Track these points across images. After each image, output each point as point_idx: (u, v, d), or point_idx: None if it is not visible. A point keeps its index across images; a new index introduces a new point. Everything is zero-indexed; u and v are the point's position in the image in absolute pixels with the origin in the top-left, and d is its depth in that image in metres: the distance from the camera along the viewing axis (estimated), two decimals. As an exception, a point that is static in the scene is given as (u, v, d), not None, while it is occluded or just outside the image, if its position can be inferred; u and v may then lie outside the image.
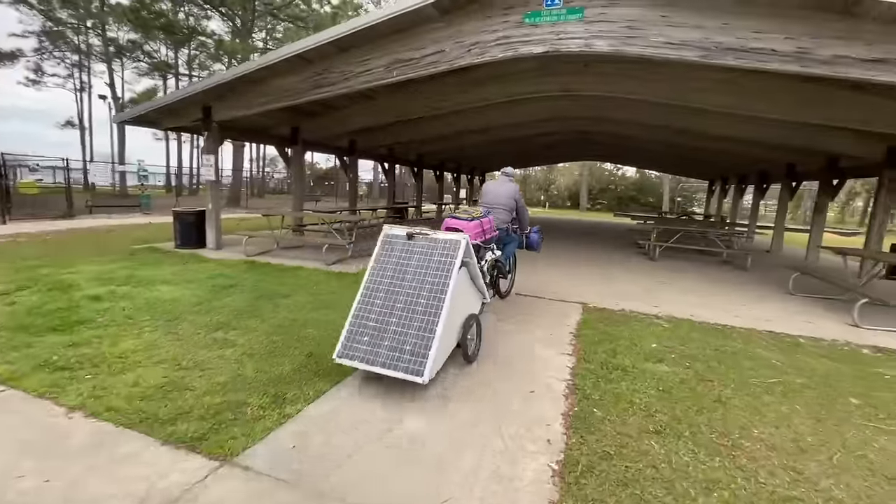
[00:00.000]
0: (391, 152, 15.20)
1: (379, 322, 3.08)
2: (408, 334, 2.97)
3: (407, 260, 3.32)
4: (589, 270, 7.88)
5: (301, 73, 7.00)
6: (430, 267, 3.22)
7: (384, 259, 3.40)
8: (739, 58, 5.05)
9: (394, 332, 3.01)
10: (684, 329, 4.64)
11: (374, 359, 2.94)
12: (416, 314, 3.04)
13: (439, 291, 3.08)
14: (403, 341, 2.95)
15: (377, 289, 3.26)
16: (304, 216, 9.36)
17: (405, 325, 3.01)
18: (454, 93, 8.77)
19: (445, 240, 3.32)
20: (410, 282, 3.19)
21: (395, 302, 3.14)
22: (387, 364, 2.89)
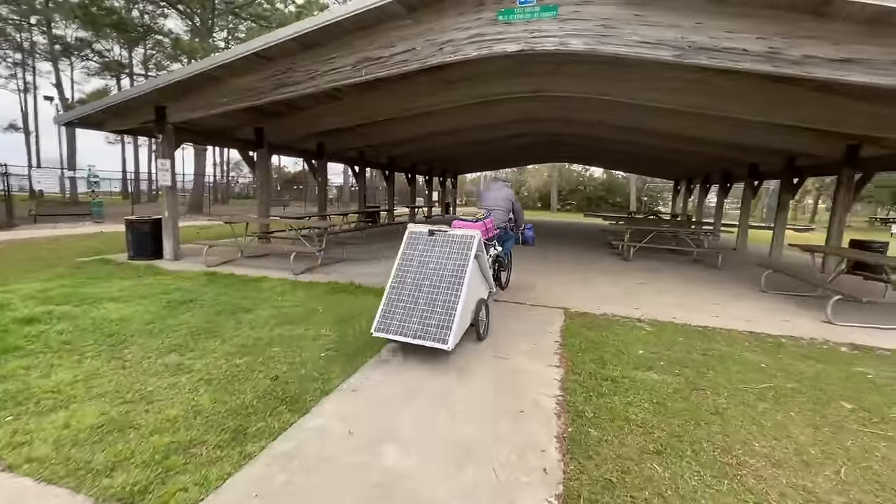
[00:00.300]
0: (361, 155, 14.81)
1: (409, 303, 3.70)
2: (433, 311, 3.59)
3: (429, 252, 3.97)
4: (567, 273, 7.78)
5: (263, 72, 6.60)
6: (450, 257, 3.87)
7: (410, 252, 4.04)
8: (713, 57, 5.02)
9: (422, 310, 3.62)
10: (668, 332, 4.54)
11: (406, 331, 3.56)
12: (439, 295, 3.67)
13: (458, 277, 3.72)
14: (430, 317, 3.56)
15: (405, 276, 3.88)
16: (270, 223, 8.89)
17: (431, 305, 3.63)
18: (426, 93, 8.53)
19: (462, 235, 3.98)
20: (433, 270, 3.84)
21: (420, 286, 3.77)
22: (417, 335, 3.51)
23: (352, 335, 4.05)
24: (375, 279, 6.48)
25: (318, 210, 12.30)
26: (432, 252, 3.96)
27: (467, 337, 3.98)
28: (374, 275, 6.84)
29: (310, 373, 3.22)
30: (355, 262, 7.94)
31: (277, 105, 8.80)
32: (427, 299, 3.67)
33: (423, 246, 4.04)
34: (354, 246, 10.26)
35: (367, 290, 5.81)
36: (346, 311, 4.81)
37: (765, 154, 11.27)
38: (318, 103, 9.21)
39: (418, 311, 3.62)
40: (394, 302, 3.75)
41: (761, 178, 13.63)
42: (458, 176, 27.79)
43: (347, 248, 9.45)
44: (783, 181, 11.63)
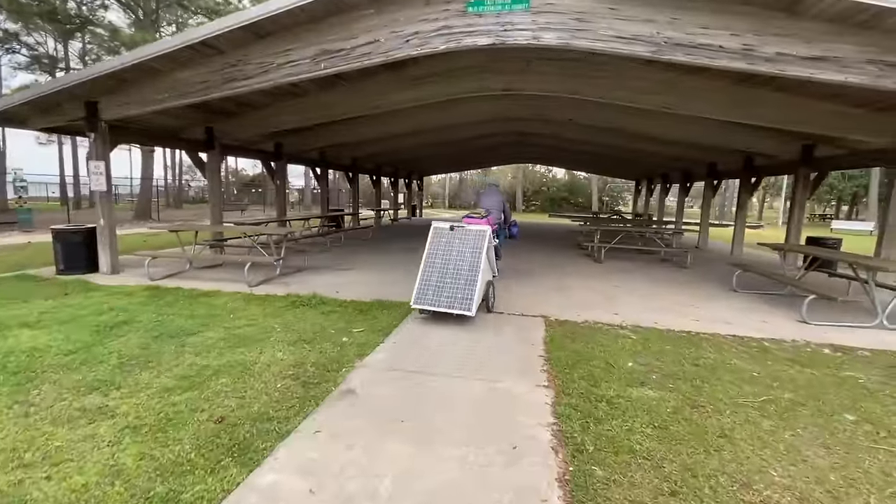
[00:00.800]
0: (323, 156, 14.14)
1: (438, 282, 4.80)
2: (457, 287, 4.70)
3: (451, 244, 5.05)
4: (541, 277, 7.55)
5: (210, 64, 5.98)
6: (467, 247, 4.98)
7: (435, 243, 5.10)
8: (689, 54, 4.88)
9: (449, 286, 4.73)
10: (654, 340, 4.33)
11: (438, 303, 4.66)
12: (461, 276, 4.78)
13: (476, 262, 4.82)
14: (455, 292, 4.67)
15: (433, 262, 4.97)
16: (224, 230, 8.18)
17: (455, 282, 4.74)
18: (390, 91, 8.09)
19: (477, 230, 5.08)
20: (456, 257, 4.94)
21: (445, 270, 4.87)
22: (447, 305, 4.62)
23: (314, 359, 3.57)
24: (341, 290, 5.98)
25: (278, 215, 11.58)
26: (453, 243, 5.05)
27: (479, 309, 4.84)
28: (340, 285, 6.34)
29: (263, 410, 2.73)
30: (318, 271, 7.40)
31: (229, 102, 8.12)
32: (452, 279, 4.79)
33: (445, 238, 5.11)
34: (317, 253, 9.66)
35: (332, 302, 5.32)
36: (307, 329, 4.31)
37: (724, 154, 11.53)
38: (276, 101, 8.59)
39: (445, 289, 4.73)
40: (425, 283, 4.84)
41: (720, 178, 14.00)
42: (423, 178, 27.37)
43: (309, 256, 8.86)
44: (742, 180, 11.95)
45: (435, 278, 4.84)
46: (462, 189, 51.59)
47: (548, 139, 14.76)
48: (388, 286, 6.38)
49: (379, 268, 7.94)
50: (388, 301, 5.41)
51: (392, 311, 5.02)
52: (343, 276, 7.11)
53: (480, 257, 4.84)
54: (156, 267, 7.02)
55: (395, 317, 4.80)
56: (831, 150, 9.02)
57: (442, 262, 4.95)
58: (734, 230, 12.22)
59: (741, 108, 7.04)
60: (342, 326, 4.45)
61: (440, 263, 4.95)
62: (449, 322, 4.70)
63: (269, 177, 12.07)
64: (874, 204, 32.25)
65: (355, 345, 3.93)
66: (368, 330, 4.35)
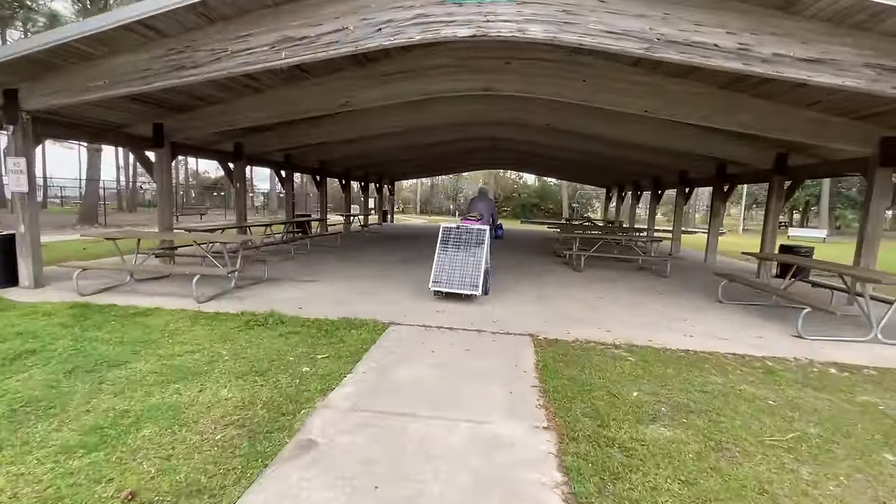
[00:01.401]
0: (288, 158, 13.34)
1: (449, 269, 6.01)
2: (466, 273, 5.93)
3: (458, 239, 6.27)
4: (522, 288, 7.11)
5: (153, 49, 5.26)
6: (472, 242, 6.19)
7: (446, 239, 6.30)
8: (682, 52, 4.57)
9: (459, 272, 5.95)
10: (653, 362, 3.93)
11: (451, 286, 5.90)
12: (468, 264, 6.01)
13: (479, 253, 6.07)
14: (465, 277, 5.92)
15: (445, 253, 6.17)
16: (174, 237, 7.33)
17: (464, 269, 5.96)
18: (360, 88, 7.52)
19: (478, 228, 6.31)
20: (464, 248, 6.17)
21: (455, 259, 6.09)
22: (459, 287, 5.88)
23: (267, 397, 2.95)
24: (304, 306, 5.33)
25: (237, 220, 10.71)
26: (460, 239, 6.29)
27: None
28: (303, 300, 5.68)
29: (193, 477, 2.11)
30: (279, 283, 6.69)
31: (180, 95, 7.34)
32: (462, 267, 6.02)
33: (453, 235, 6.36)
34: (280, 262, 8.91)
35: (292, 322, 4.67)
36: (261, 357, 3.67)
37: (698, 161, 11.52)
38: (234, 96, 7.85)
39: (456, 274, 5.96)
40: (440, 270, 6.05)
41: (692, 185, 14.11)
42: (395, 182, 26.74)
43: (271, 265, 8.12)
44: (715, 188, 12.00)
45: (446, 267, 6.08)
46: (433, 195, 51.21)
47: (522, 144, 14.49)
48: (357, 301, 5.77)
49: (348, 279, 7.31)
50: (358, 320, 4.80)
51: (362, 331, 4.43)
52: (307, 288, 6.45)
53: (483, 250, 6.13)
54: (88, 280, 6.15)
55: (366, 339, 4.21)
56: (804, 160, 9.08)
57: (452, 255, 6.19)
58: (707, 237, 12.26)
59: (725, 114, 6.86)
60: (304, 352, 3.83)
61: (450, 255, 6.18)
62: (427, 344, 4.16)
63: (229, 179, 11.19)
64: (825, 212, 33.97)
65: (318, 376, 3.33)
66: (334, 356, 3.75)
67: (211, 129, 8.37)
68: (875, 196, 6.73)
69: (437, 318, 5.05)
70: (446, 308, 5.57)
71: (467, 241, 6.24)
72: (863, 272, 4.89)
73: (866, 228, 6.76)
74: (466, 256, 6.09)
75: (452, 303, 5.85)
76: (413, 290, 6.66)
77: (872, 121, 6.59)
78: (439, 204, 50.06)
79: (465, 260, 6.06)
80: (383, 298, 6.00)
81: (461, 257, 6.10)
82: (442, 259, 6.11)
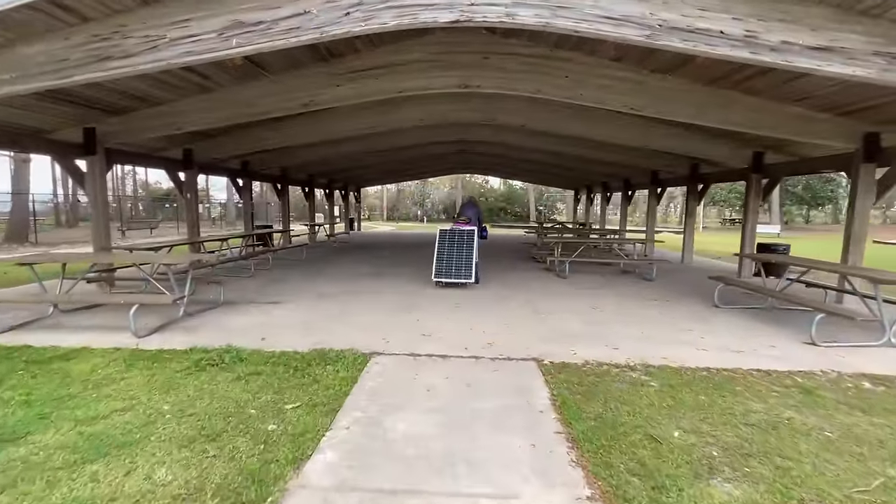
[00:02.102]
0: (246, 166, 12.33)
1: (447, 263, 7.44)
2: (462, 266, 7.38)
3: (452, 239, 7.68)
4: (511, 300, 6.57)
5: (71, 36, 4.40)
6: (464, 242, 7.62)
7: (442, 240, 7.71)
8: (686, 40, 4.17)
9: (455, 266, 7.39)
10: (678, 387, 3.45)
11: (450, 275, 7.33)
12: (462, 258, 7.46)
13: (470, 250, 7.51)
14: (461, 269, 7.35)
15: (443, 250, 7.60)
16: (113, 258, 6.31)
17: (458, 263, 7.41)
18: (324, 87, 6.81)
19: (468, 230, 7.78)
20: (458, 246, 7.61)
21: (452, 254, 7.53)
22: (456, 276, 7.32)
23: (219, 478, 2.22)
24: (268, 336, 4.55)
25: (189, 235, 9.67)
26: (454, 239, 7.61)
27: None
28: (266, 328, 4.89)
29: None
30: (238, 308, 5.85)
31: (114, 94, 6.39)
32: (458, 261, 7.40)
33: (448, 235, 7.68)
34: (240, 280, 8.00)
35: (254, 358, 3.89)
36: (214, 412, 2.91)
37: (671, 160, 11.42)
38: (180, 95, 6.95)
39: (454, 267, 7.35)
40: (440, 264, 7.40)
41: (664, 186, 14.10)
42: (361, 189, 25.83)
43: (229, 285, 7.23)
44: (689, 188, 11.97)
45: (445, 261, 7.46)
46: (400, 200, 50.43)
47: (495, 147, 14.07)
48: (330, 325, 5.04)
49: (316, 298, 6.53)
50: (333, 351, 4.08)
51: (339, 367, 3.72)
52: (271, 312, 5.64)
53: (473, 247, 7.53)
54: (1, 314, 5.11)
55: (345, 378, 3.50)
56: (781, 158, 9.06)
57: (448, 252, 7.54)
58: (683, 237, 12.20)
59: (713, 111, 6.61)
60: (269, 400, 3.10)
61: (447, 252, 7.55)
62: (419, 378, 3.51)
63: (178, 190, 10.12)
64: (777, 209, 35.69)
65: (289, 437, 2.62)
66: (307, 405, 3.04)
67: (153, 133, 7.39)
68: (860, 192, 6.64)
69: (424, 345, 4.40)
70: (432, 330, 4.92)
71: (460, 241, 7.64)
72: (879, 274, 4.63)
73: (853, 226, 6.66)
74: (460, 253, 7.53)
75: (437, 319, 5.23)
76: (391, 306, 5.98)
77: (856, 116, 6.51)
78: (406, 210, 49.33)
79: (458, 256, 7.50)
80: (359, 320, 5.30)
81: (456, 254, 7.53)
82: (441, 256, 7.54)
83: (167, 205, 37.00)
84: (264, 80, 6.79)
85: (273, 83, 6.78)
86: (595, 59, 6.49)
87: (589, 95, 6.69)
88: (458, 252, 7.49)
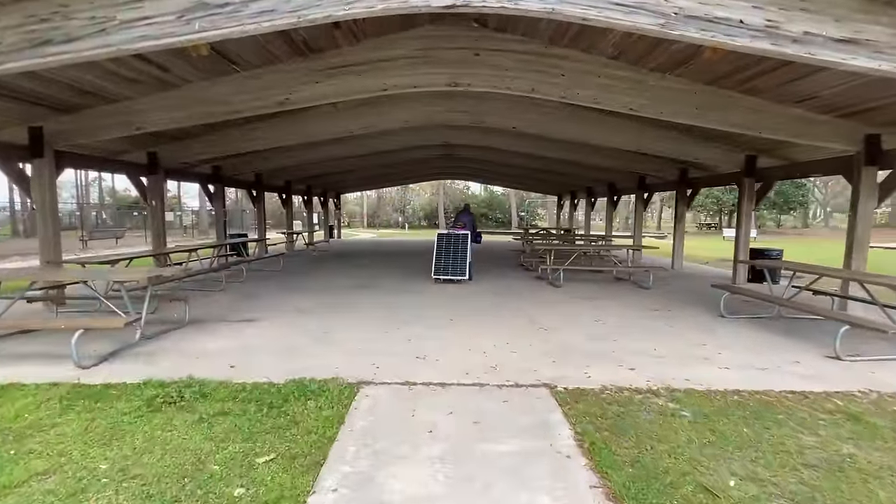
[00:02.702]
0: (217, 171, 11.59)
1: (444, 262, 8.59)
2: (457, 265, 8.56)
3: (448, 241, 8.84)
4: (508, 314, 6.11)
5: (3, 16, 3.80)
6: (459, 244, 8.78)
7: (440, 243, 8.85)
8: (704, 29, 3.81)
9: (451, 265, 8.55)
10: (714, 417, 3.02)
11: (447, 273, 8.54)
12: (458, 258, 8.62)
13: (465, 251, 8.71)
14: (456, 268, 8.54)
15: (441, 251, 8.69)
16: (64, 274, 5.57)
17: (454, 262, 8.56)
18: (302, 84, 6.29)
19: (463, 234, 8.87)
20: (453, 248, 8.75)
21: (449, 255, 8.64)
22: (452, 274, 8.53)
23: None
24: (238, 364, 3.94)
25: (154, 246, 8.90)
26: (450, 241, 8.84)
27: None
28: (237, 353, 4.28)
29: None
30: (206, 327, 5.21)
31: (62, 87, 5.72)
32: (453, 261, 8.61)
33: (445, 238, 8.92)
34: (210, 295, 7.31)
35: (219, 393, 3.29)
36: (166, 472, 2.32)
37: (660, 165, 11.23)
38: (140, 91, 6.31)
39: (450, 266, 8.59)
40: (439, 264, 8.64)
41: (650, 191, 13.96)
42: (340, 196, 25.10)
43: (199, 301, 6.56)
44: (679, 193, 11.81)
45: (442, 261, 8.59)
46: (380, 207, 49.74)
47: (481, 152, 13.68)
48: (310, 348, 4.46)
49: (295, 314, 5.93)
50: (315, 382, 3.51)
51: (322, 402, 3.16)
52: (243, 333, 5.02)
53: (467, 249, 8.70)
54: (-83, 342, 4.35)
55: (329, 417, 2.95)
56: (773, 161, 8.91)
57: (446, 254, 8.65)
58: (673, 243, 12.02)
59: (713, 112, 6.34)
60: (236, 452, 2.53)
61: (444, 253, 8.67)
62: (418, 415, 2.99)
63: (141, 196, 9.34)
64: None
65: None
66: (285, 456, 2.48)
67: (109, 133, 6.68)
68: (862, 196, 6.46)
69: (420, 370, 3.88)
70: (427, 351, 4.41)
71: (455, 243, 8.81)
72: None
73: (856, 231, 6.46)
74: (455, 254, 8.69)
75: (431, 338, 4.71)
76: (379, 323, 5.44)
77: (857, 118, 6.33)
78: (387, 217, 48.65)
79: (454, 257, 8.66)
80: (344, 340, 4.74)
81: (452, 255, 8.69)
82: (439, 256, 8.72)
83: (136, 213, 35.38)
84: (236, 76, 6.21)
85: (246, 79, 6.21)
86: (592, 57, 6.16)
87: (586, 95, 6.34)
88: (454, 253, 8.68)
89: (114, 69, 5.38)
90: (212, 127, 8.41)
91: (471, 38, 6.04)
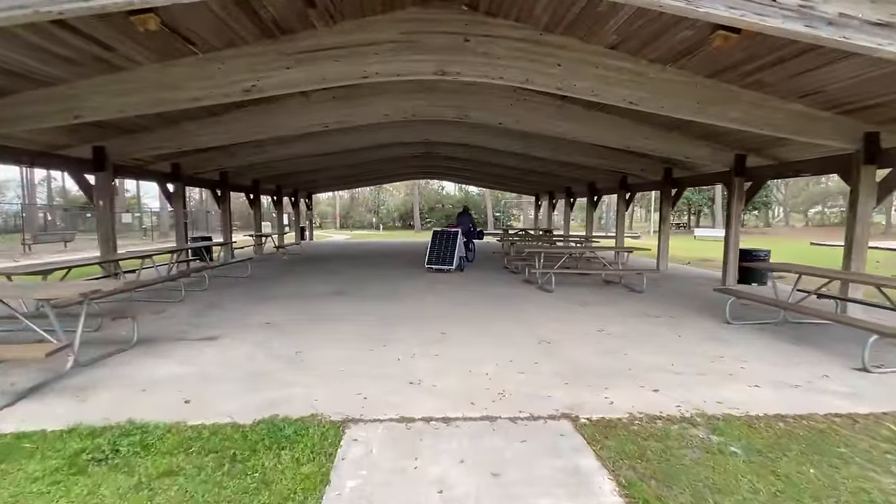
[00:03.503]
0: (176, 168, 10.61)
1: (437, 255, 10.45)
2: (447, 257, 10.37)
3: (442, 237, 10.68)
4: (500, 323, 5.59)
5: None
6: (450, 239, 10.57)
7: (434, 238, 10.75)
8: (732, 7, 3.42)
9: (441, 257, 10.40)
10: (769, 455, 2.57)
11: (438, 263, 10.38)
12: (448, 251, 10.42)
13: (454, 245, 10.46)
14: (445, 259, 10.37)
15: (434, 246, 10.58)
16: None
17: (444, 254, 10.41)
18: (271, 69, 5.62)
19: (455, 230, 10.72)
20: (445, 243, 10.57)
21: (440, 248, 10.51)
22: (440, 264, 10.34)
23: None
24: (193, 397, 3.24)
25: (101, 252, 7.93)
26: (443, 237, 10.60)
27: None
28: (192, 383, 3.56)
29: None
30: (158, 348, 4.45)
31: (-24, 68, 4.80)
32: (444, 253, 10.33)
33: (439, 234, 10.73)
34: (166, 308, 6.47)
35: (169, 441, 2.61)
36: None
37: (646, 163, 11.00)
38: (79, 74, 5.50)
39: (440, 258, 10.31)
40: (431, 255, 10.38)
41: (633, 191, 13.79)
42: (312, 196, 24.08)
43: (151, 315, 5.74)
44: (664, 192, 11.62)
45: (435, 253, 10.37)
46: (353, 207, 48.61)
47: (463, 150, 13.15)
48: (282, 375, 3.79)
49: (264, 330, 5.22)
50: (289, 422, 2.86)
51: (299, 451, 2.53)
52: (203, 353, 4.29)
53: (456, 244, 10.40)
54: None
55: (309, 475, 2.31)
56: (762, 161, 8.77)
57: (438, 246, 10.43)
58: (659, 244, 11.84)
59: (715, 106, 6.01)
60: (184, 536, 1.88)
61: (437, 247, 10.43)
62: (421, 468, 2.40)
63: (87, 197, 8.34)
64: (720, 212, 37.50)
65: None
66: (251, 541, 1.86)
67: (43, 122, 5.77)
68: (861, 196, 6.28)
69: (416, 399, 3.29)
70: (421, 374, 3.82)
71: (446, 239, 10.53)
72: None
73: (855, 231, 6.28)
74: (445, 248, 10.38)
75: (423, 356, 4.13)
76: (362, 339, 4.81)
77: (857, 115, 6.14)
78: (360, 217, 47.58)
79: (444, 249, 10.36)
80: (323, 361, 4.09)
81: (442, 248, 10.39)
82: (433, 249, 10.40)
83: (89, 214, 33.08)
84: (193, 58, 5.45)
85: (206, 62, 5.46)
86: (590, 47, 5.73)
87: (583, 87, 5.90)
88: (444, 247, 10.42)
89: (42, 44, 4.55)
90: (168, 118, 7.56)
91: (460, 23, 5.52)
